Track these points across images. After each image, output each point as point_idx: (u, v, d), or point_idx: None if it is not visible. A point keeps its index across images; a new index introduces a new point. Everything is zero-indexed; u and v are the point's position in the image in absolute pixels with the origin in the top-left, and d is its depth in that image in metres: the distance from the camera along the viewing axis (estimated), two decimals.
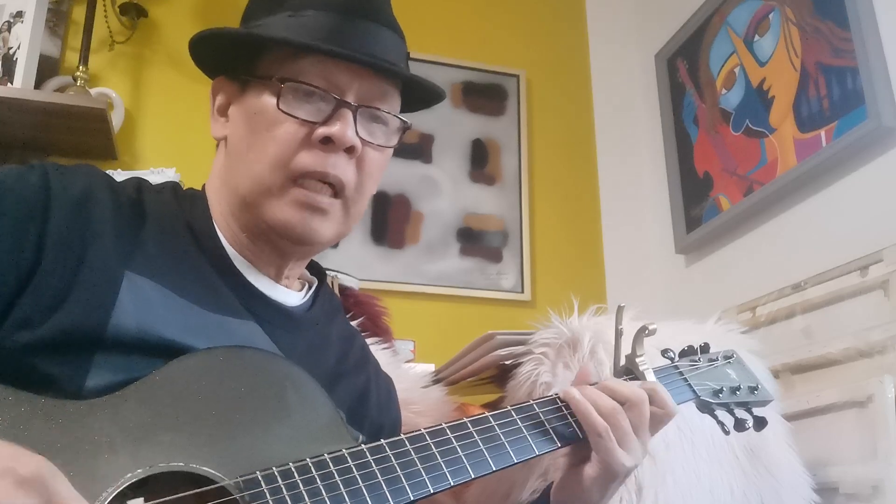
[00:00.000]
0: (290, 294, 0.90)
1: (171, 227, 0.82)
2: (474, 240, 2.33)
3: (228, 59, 0.88)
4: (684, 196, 2.22)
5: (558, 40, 2.66)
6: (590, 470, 0.83)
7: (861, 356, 1.47)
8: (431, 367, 1.59)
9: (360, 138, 0.84)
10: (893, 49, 1.60)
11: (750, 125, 1.99)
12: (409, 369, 1.48)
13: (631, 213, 2.47)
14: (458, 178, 2.38)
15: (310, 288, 0.95)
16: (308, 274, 0.97)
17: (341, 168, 0.83)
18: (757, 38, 1.99)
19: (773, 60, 1.92)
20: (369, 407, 0.94)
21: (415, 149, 2.34)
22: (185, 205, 0.87)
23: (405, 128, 0.90)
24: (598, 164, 2.55)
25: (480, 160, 2.41)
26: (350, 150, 0.83)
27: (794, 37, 1.85)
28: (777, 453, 1.33)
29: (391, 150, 0.91)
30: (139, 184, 0.86)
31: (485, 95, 2.48)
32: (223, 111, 0.90)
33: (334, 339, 0.95)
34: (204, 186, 0.92)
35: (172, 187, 0.89)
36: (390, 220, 2.28)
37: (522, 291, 2.30)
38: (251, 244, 0.87)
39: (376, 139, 0.86)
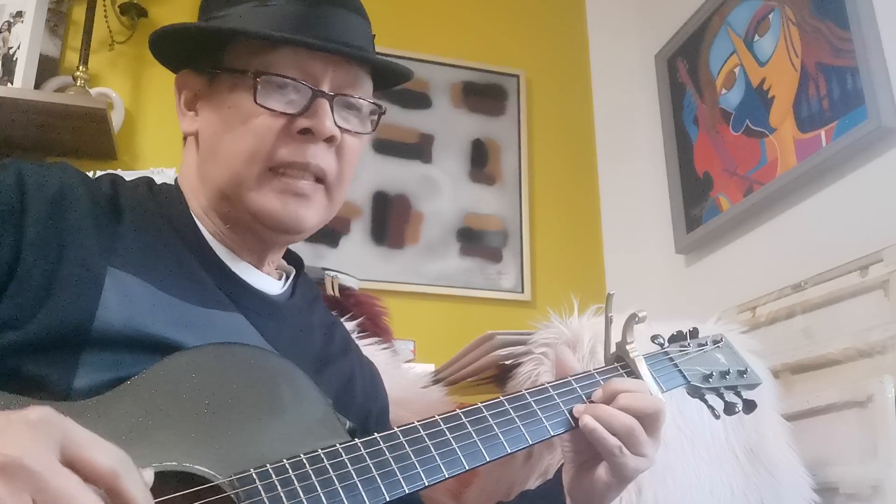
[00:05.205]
0: (271, 282, 0.90)
1: (149, 220, 0.82)
2: (474, 240, 2.33)
3: (193, 53, 0.87)
4: (684, 196, 2.22)
5: (558, 40, 2.66)
6: (602, 473, 0.83)
7: (861, 356, 1.47)
8: (431, 367, 1.59)
9: (339, 127, 0.84)
10: (893, 49, 1.60)
11: (750, 125, 1.99)
12: (409, 369, 1.48)
13: (631, 213, 2.47)
14: (458, 178, 2.37)
15: (288, 277, 0.94)
16: (285, 264, 0.97)
17: (321, 157, 0.83)
18: (757, 38, 1.99)
19: (773, 60, 1.92)
20: (355, 393, 0.94)
21: (415, 149, 2.34)
22: (161, 199, 0.86)
23: (380, 112, 0.90)
24: (598, 164, 2.55)
25: (480, 160, 2.41)
26: (329, 140, 0.83)
27: (794, 37, 1.85)
28: (777, 453, 1.33)
29: (368, 135, 0.91)
30: (113, 179, 0.85)
31: (485, 95, 2.48)
32: (191, 105, 0.89)
33: (317, 327, 0.95)
34: (176, 181, 0.91)
35: (147, 182, 0.88)
36: (390, 220, 2.28)
37: (522, 291, 2.30)
38: (233, 234, 0.86)
39: (353, 126, 0.87)
